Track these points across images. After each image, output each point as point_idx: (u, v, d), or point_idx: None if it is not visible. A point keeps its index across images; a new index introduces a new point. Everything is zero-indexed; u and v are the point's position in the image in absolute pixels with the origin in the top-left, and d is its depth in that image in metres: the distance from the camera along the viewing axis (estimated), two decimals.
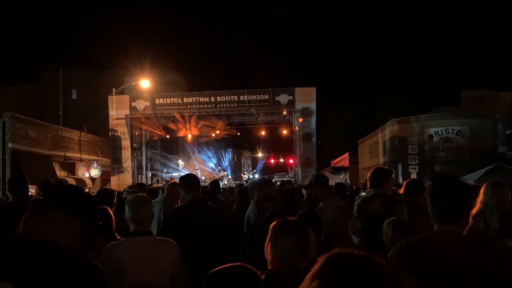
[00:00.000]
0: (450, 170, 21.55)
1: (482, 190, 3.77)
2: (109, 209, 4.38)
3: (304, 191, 8.41)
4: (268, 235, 2.95)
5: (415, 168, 24.80)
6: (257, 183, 6.68)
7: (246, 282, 2.30)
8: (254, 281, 2.34)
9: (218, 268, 2.36)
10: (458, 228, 2.66)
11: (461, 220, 2.67)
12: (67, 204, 2.18)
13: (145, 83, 30.04)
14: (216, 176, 32.82)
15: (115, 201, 5.51)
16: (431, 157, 26.16)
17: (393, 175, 5.59)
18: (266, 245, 2.92)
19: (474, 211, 3.78)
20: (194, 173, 31.14)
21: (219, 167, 39.40)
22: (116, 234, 4.18)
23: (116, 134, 28.27)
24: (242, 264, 2.40)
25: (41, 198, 3.75)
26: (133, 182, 25.08)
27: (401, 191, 5.13)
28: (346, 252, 1.38)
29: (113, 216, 4.30)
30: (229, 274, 2.34)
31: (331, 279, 1.32)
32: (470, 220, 3.77)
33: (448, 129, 26.16)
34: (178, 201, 6.03)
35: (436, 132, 26.35)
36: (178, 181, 5.85)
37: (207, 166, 44.23)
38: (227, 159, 55.49)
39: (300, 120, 27.28)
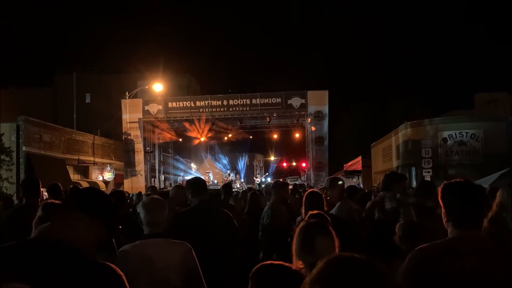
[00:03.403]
0: (464, 174, 21.36)
1: (498, 193, 3.71)
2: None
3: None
4: (302, 236, 2.97)
5: (428, 172, 24.63)
6: (274, 186, 6.63)
7: (291, 280, 2.32)
8: (299, 281, 2.35)
9: (265, 263, 2.38)
10: (478, 233, 2.62)
11: (480, 225, 2.63)
12: (87, 206, 2.16)
13: (158, 87, 30.17)
14: (226, 179, 32.80)
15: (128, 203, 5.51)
16: (445, 160, 25.94)
17: (407, 180, 5.54)
18: (300, 246, 2.92)
19: (490, 214, 3.72)
20: (206, 176, 31.28)
21: (229, 170, 39.40)
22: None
23: (129, 137, 28.42)
24: (287, 264, 2.43)
25: (51, 201, 3.76)
26: (146, 185, 25.19)
27: None
28: (346, 256, 1.37)
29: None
30: (276, 270, 2.36)
31: (332, 283, 1.30)
32: (486, 224, 3.71)
33: (462, 132, 25.94)
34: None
35: (450, 135, 26.13)
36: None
37: (219, 169, 44.25)
38: (240, 163, 55.51)
39: (313, 129, 27.25)
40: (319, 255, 2.78)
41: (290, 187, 15.88)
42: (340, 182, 6.70)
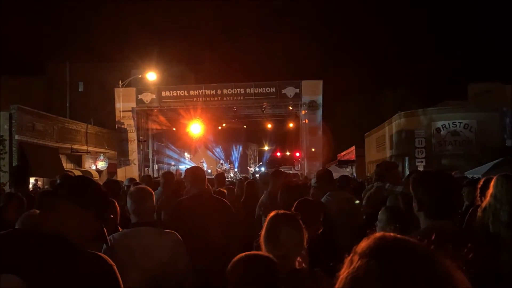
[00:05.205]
0: (457, 164, 21.47)
1: (492, 183, 3.71)
2: (115, 202, 4.35)
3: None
4: (269, 226, 2.91)
5: (422, 162, 24.77)
6: (272, 174, 6.58)
7: (266, 270, 2.32)
8: (274, 270, 2.36)
9: (243, 254, 2.38)
10: (452, 223, 2.61)
11: (455, 216, 2.62)
12: (79, 197, 2.12)
13: (151, 76, 29.97)
14: (220, 169, 32.77)
15: (121, 193, 5.47)
16: (438, 150, 26.06)
17: (398, 168, 5.56)
18: (266, 237, 2.88)
19: (483, 204, 3.73)
20: (200, 166, 31.27)
21: (222, 160, 39.38)
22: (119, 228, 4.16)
23: (122, 126, 28.26)
24: (264, 254, 2.42)
25: (50, 189, 3.73)
26: (139, 175, 25.15)
27: None
28: (395, 236, 1.28)
29: (118, 209, 4.28)
30: (253, 260, 2.36)
31: (388, 261, 1.19)
32: (480, 214, 3.72)
33: (455, 122, 26.04)
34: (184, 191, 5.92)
35: (443, 125, 26.23)
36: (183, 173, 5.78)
37: (213, 159, 44.24)
38: (234, 152, 55.49)
39: (306, 121, 27.19)
40: (284, 247, 2.76)
41: None
42: (330, 173, 6.72)
